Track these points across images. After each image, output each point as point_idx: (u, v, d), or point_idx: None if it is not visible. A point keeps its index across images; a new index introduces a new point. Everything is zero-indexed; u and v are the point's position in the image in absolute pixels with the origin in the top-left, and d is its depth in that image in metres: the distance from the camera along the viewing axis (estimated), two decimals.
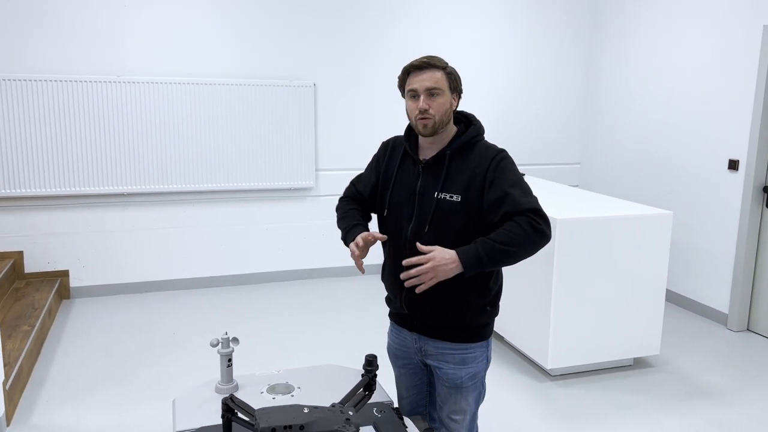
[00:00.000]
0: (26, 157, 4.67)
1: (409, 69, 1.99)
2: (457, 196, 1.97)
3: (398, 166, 2.10)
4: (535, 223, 1.87)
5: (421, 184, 2.03)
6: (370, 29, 5.40)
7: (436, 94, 1.96)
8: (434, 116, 1.96)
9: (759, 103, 4.32)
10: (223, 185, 5.14)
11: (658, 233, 3.72)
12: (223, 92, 5.03)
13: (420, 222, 2.00)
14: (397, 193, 2.07)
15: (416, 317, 2.09)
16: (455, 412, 2.12)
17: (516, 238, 1.86)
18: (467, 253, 1.86)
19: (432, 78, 1.95)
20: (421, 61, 1.97)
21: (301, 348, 4.15)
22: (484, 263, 1.87)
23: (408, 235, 2.02)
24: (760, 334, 4.51)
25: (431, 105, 1.96)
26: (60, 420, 3.22)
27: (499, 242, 1.86)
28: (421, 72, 1.97)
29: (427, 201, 2.00)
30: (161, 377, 3.71)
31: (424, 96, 1.96)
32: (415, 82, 1.97)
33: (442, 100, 1.97)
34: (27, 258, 4.86)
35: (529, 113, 5.98)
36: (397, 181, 2.08)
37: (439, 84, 1.96)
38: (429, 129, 1.98)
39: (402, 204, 2.05)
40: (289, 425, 1.49)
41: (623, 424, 3.27)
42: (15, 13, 4.57)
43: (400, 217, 2.05)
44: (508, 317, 4.04)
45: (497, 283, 2.09)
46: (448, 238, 1.96)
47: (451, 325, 2.05)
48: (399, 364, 2.24)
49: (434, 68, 1.96)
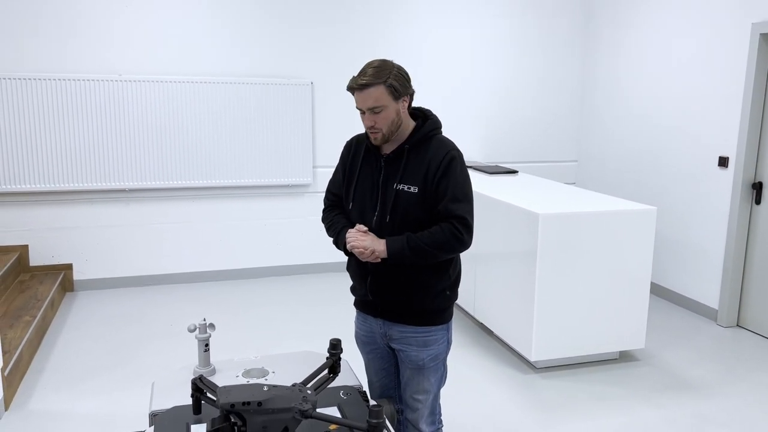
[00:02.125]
0: (31, 154, 4.81)
1: (349, 88, 2.07)
2: (414, 187, 2.09)
3: (362, 161, 2.21)
4: (457, 231, 2.05)
5: (383, 176, 2.14)
6: (367, 27, 5.49)
7: (379, 110, 2.04)
8: (381, 129, 2.07)
9: (748, 100, 4.35)
10: (222, 182, 5.26)
11: (642, 228, 3.78)
12: (222, 90, 5.15)
13: (382, 212, 2.12)
14: (361, 186, 2.19)
15: (380, 303, 2.20)
16: (418, 392, 2.25)
17: (438, 242, 2.04)
18: (395, 243, 2.05)
19: (371, 97, 2.02)
20: (358, 83, 2.02)
21: (291, 339, 4.25)
22: (406, 256, 2.05)
23: (373, 225, 2.14)
24: (750, 330, 4.54)
25: (376, 120, 2.06)
26: (56, 406, 3.35)
27: (423, 243, 2.04)
28: (360, 92, 2.03)
29: (388, 192, 2.12)
30: (156, 366, 3.83)
31: (368, 113, 2.05)
32: (358, 101, 2.06)
33: (386, 113, 2.05)
34: (32, 251, 5.01)
35: (525, 111, 6.04)
36: (361, 175, 2.20)
37: (380, 101, 2.02)
38: (379, 141, 2.11)
39: (366, 196, 2.17)
40: (247, 402, 1.58)
41: (600, 415, 3.34)
42: (18, 13, 4.72)
43: (365, 208, 2.17)
44: (493, 309, 4.12)
45: (456, 270, 2.22)
46: (408, 227, 2.09)
47: (414, 310, 2.17)
48: (366, 350, 2.36)
49: (373, 86, 2.01)
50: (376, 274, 2.16)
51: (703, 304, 4.80)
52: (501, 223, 3.98)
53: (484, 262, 4.24)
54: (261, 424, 1.58)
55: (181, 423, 1.85)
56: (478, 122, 5.93)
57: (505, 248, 3.94)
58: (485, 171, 5.20)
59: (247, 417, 1.57)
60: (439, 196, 2.07)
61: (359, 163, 2.21)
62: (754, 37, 4.30)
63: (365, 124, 2.08)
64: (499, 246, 4.02)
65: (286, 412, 1.58)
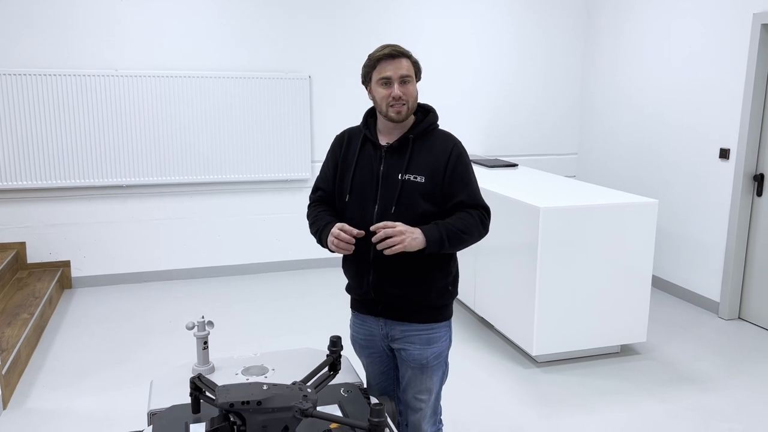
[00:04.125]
0: (28, 150, 4.78)
1: (380, 57, 2.04)
2: (421, 177, 2.05)
3: (358, 152, 2.14)
4: (485, 218, 2.09)
5: (385, 167, 2.09)
6: (365, 21, 5.44)
7: (408, 81, 2.04)
8: (408, 102, 2.05)
9: (749, 91, 4.32)
10: (220, 177, 5.23)
11: (643, 221, 3.75)
12: (219, 85, 5.11)
13: (386, 203, 2.06)
14: (359, 177, 2.12)
15: (382, 301, 2.15)
16: (421, 392, 2.19)
17: (470, 227, 2.04)
18: (431, 231, 1.99)
19: (404, 66, 2.03)
20: (393, 50, 2.03)
21: (291, 335, 4.23)
22: (444, 245, 2.01)
23: (374, 217, 2.07)
24: (751, 323, 4.52)
25: (405, 92, 2.03)
26: (54, 404, 3.33)
27: (458, 228, 2.02)
28: (393, 60, 2.03)
29: (391, 183, 2.07)
30: (155, 363, 3.81)
31: (398, 83, 2.02)
32: (388, 69, 2.02)
33: (413, 87, 2.06)
34: (29, 249, 4.98)
35: (525, 104, 6.00)
36: (359, 166, 2.13)
37: (410, 72, 2.05)
38: (403, 115, 2.05)
39: (365, 187, 2.10)
40: (246, 401, 1.56)
41: (602, 409, 3.32)
42: (13, 8, 4.67)
43: (364, 200, 2.10)
44: (494, 304, 4.10)
45: (455, 266, 2.20)
46: (412, 219, 2.03)
47: (417, 306, 2.12)
48: (365, 353, 2.30)
49: (404, 57, 2.04)
50: (378, 267, 2.08)
51: (704, 297, 4.78)
52: (501, 217, 3.95)
53: (484, 256, 4.22)
54: (261, 424, 1.55)
55: (180, 422, 1.82)
56: (478, 115, 5.89)
57: (506, 242, 3.92)
58: (485, 164, 5.16)
59: (247, 416, 1.55)
60: (456, 187, 2.06)
61: (356, 155, 2.14)
62: (755, 27, 4.26)
63: (394, 94, 2.02)
64: (499, 240, 4.00)
65: (286, 411, 1.56)
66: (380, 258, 2.06)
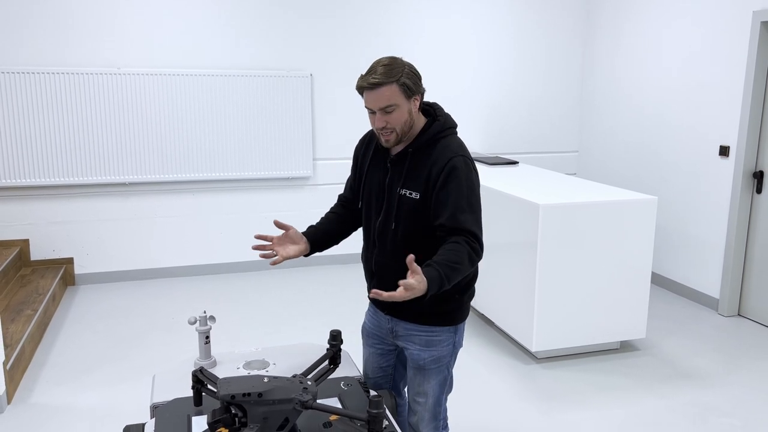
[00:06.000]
0: (32, 148, 4.81)
1: (359, 88, 1.94)
2: (416, 193, 1.99)
3: (371, 160, 2.14)
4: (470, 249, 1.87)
5: (389, 178, 2.07)
6: (366, 19, 5.46)
7: (391, 110, 1.93)
8: (395, 129, 1.96)
9: (749, 88, 4.33)
10: (222, 175, 5.25)
11: (642, 218, 3.77)
12: (221, 83, 5.14)
13: (386, 217, 2.06)
14: (369, 187, 2.13)
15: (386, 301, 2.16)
16: (419, 394, 2.18)
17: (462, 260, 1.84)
18: (433, 281, 1.77)
19: (384, 97, 1.90)
20: (369, 82, 1.90)
21: (292, 331, 4.25)
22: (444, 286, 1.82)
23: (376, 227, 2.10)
24: (751, 319, 4.54)
25: (389, 121, 1.95)
26: (58, 399, 3.36)
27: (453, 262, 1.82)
28: (371, 91, 1.91)
29: (392, 196, 2.05)
30: (157, 359, 3.84)
31: (379, 114, 1.94)
32: (369, 101, 1.94)
33: (399, 113, 1.94)
34: (32, 246, 5.01)
35: (525, 102, 6.02)
36: (369, 174, 2.13)
37: (393, 100, 1.91)
38: (392, 142, 1.99)
39: (372, 197, 2.11)
40: (248, 393, 1.58)
41: (601, 404, 3.34)
42: (15, 6, 4.70)
43: (370, 210, 2.12)
44: (494, 300, 4.12)
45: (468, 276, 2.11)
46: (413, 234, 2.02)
47: (417, 310, 2.10)
48: (370, 343, 2.32)
49: (385, 85, 1.89)
50: (379, 276, 2.12)
51: (704, 294, 4.80)
52: (502, 214, 3.98)
53: (485, 253, 4.24)
54: (261, 415, 1.58)
55: (182, 415, 1.85)
56: (479, 113, 5.91)
57: (506, 239, 3.94)
58: (485, 162, 5.18)
59: (248, 408, 1.58)
60: (441, 205, 1.92)
61: (368, 162, 2.14)
62: (755, 24, 4.27)
63: (376, 126, 1.96)
64: (499, 237, 4.02)
65: (287, 403, 1.58)
66: (381, 268, 2.10)
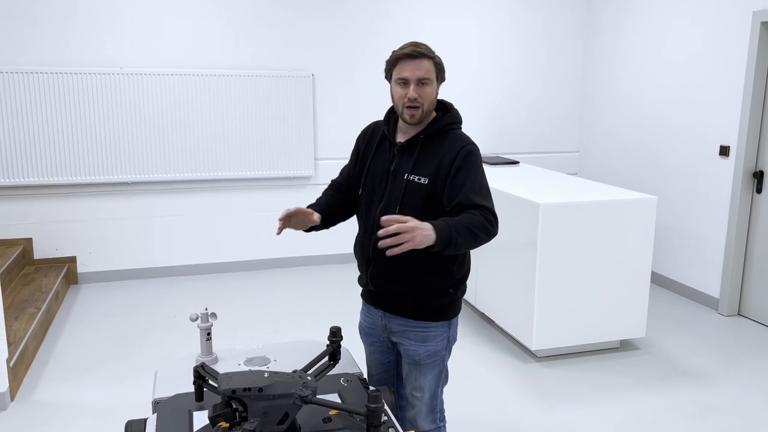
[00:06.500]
0: (34, 147, 4.84)
1: (400, 56, 2.00)
2: (425, 179, 2.02)
3: (375, 148, 2.17)
4: (489, 218, 1.95)
5: (395, 165, 2.09)
6: (368, 19, 5.48)
7: (426, 83, 2.00)
8: (423, 105, 2.01)
9: (749, 88, 4.35)
10: (224, 174, 5.28)
11: (642, 217, 3.78)
12: (223, 83, 5.16)
13: (390, 201, 2.08)
14: (372, 173, 2.15)
15: (381, 294, 2.18)
16: (415, 389, 2.21)
17: (477, 225, 1.91)
18: (441, 228, 1.84)
19: (423, 67, 1.98)
20: (412, 50, 1.98)
21: (293, 329, 4.28)
22: (453, 241, 1.86)
23: (377, 213, 2.10)
24: (751, 319, 4.55)
25: (421, 94, 2.00)
26: (61, 396, 3.38)
27: (465, 225, 1.88)
28: (412, 61, 1.98)
29: (398, 182, 2.07)
30: (159, 356, 3.86)
31: (414, 85, 1.99)
32: (406, 70, 1.99)
33: (430, 90, 2.01)
34: (36, 244, 5.04)
35: (526, 102, 6.03)
36: (373, 162, 2.16)
37: (429, 74, 1.99)
38: (416, 118, 2.03)
39: (375, 183, 2.13)
40: (248, 388, 1.60)
41: (601, 403, 3.36)
42: (18, 6, 4.73)
43: (372, 196, 2.14)
44: (494, 299, 4.13)
45: (462, 270, 2.15)
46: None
47: (412, 304, 2.13)
48: (368, 341, 2.34)
49: (424, 57, 1.99)
50: (376, 263, 2.12)
51: (703, 293, 4.81)
52: (502, 214, 3.99)
53: (485, 252, 4.26)
54: (262, 410, 1.60)
55: (184, 410, 1.87)
56: (479, 113, 5.93)
57: (506, 238, 3.95)
58: (486, 162, 5.20)
59: (248, 403, 1.60)
60: (455, 188, 1.97)
61: (373, 150, 2.17)
62: (755, 25, 4.28)
63: (409, 96, 1.98)
64: (500, 236, 4.03)
65: (287, 398, 1.60)
66: (378, 255, 2.09)
